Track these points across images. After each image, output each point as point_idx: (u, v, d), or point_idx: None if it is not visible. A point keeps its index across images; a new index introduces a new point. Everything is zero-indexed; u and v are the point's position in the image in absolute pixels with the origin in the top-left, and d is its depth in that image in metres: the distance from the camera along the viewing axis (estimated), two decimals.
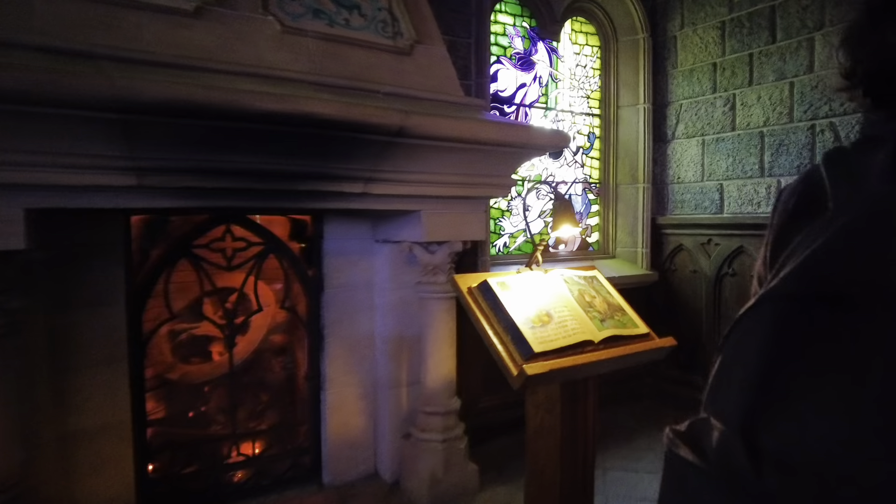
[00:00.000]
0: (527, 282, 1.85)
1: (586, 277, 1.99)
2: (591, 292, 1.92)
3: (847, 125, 3.15)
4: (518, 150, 2.56)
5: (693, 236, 3.92)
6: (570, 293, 1.87)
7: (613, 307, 1.92)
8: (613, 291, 1.99)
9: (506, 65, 3.73)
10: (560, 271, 1.97)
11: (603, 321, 1.81)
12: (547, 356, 1.63)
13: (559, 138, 2.61)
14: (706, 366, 3.75)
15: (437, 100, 2.58)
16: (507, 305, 1.71)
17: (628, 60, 4.12)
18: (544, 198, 3.96)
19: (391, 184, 2.40)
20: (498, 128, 2.42)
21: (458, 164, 2.51)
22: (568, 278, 1.94)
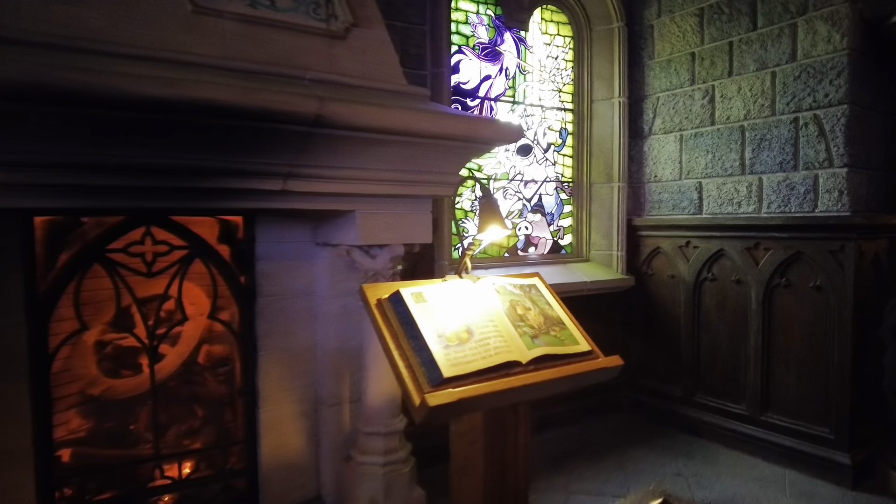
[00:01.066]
0: (450, 292, 1.60)
1: (523, 286, 1.74)
2: (525, 303, 1.67)
3: (832, 117, 2.90)
4: (462, 143, 2.32)
5: (671, 238, 3.66)
6: (500, 305, 1.62)
7: (551, 321, 1.66)
8: (554, 301, 1.74)
9: (468, 55, 3.49)
10: (493, 279, 1.72)
11: (535, 338, 1.56)
12: (461, 381, 1.38)
13: (509, 131, 2.36)
14: (685, 377, 3.50)
15: (371, 87, 2.33)
16: (420, 320, 1.46)
17: (603, 51, 3.87)
18: (512, 197, 3.72)
19: (316, 181, 2.15)
20: (435, 118, 2.17)
21: (395, 160, 2.26)
22: (500, 287, 1.69)
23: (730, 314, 3.36)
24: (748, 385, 3.26)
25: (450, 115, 2.24)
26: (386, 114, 2.05)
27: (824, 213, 2.94)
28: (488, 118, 2.21)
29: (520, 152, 3.73)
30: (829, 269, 2.91)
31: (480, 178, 3.55)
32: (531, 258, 3.79)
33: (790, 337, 3.09)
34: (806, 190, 3.01)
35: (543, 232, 3.87)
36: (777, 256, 3.11)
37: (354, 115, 1.99)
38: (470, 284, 1.67)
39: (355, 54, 2.39)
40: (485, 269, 3.50)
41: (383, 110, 2.05)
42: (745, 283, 3.27)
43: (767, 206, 3.18)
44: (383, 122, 2.06)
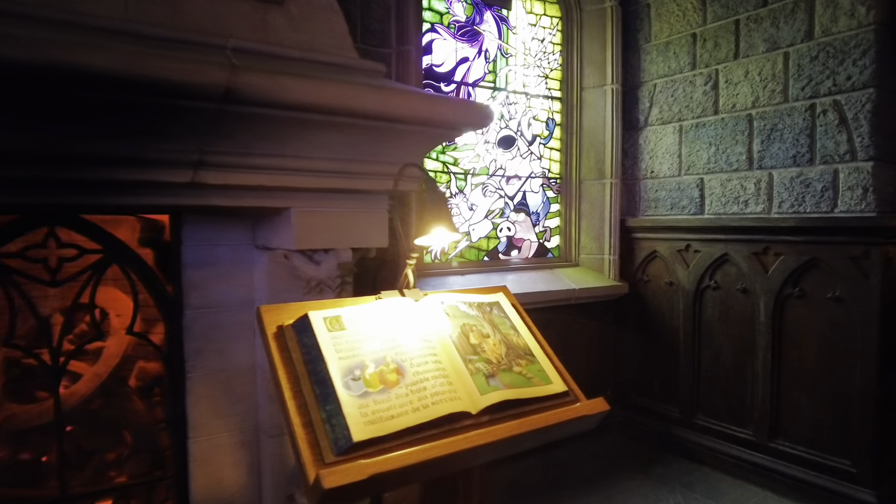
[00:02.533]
0: (381, 316, 1.21)
1: (482, 305, 1.35)
2: (482, 328, 1.28)
3: (855, 103, 2.52)
4: (420, 127, 1.93)
5: (669, 241, 3.28)
6: (448, 332, 1.23)
7: (516, 351, 1.28)
8: (521, 324, 1.35)
9: (443, 34, 3.10)
10: (442, 297, 1.33)
11: (491, 377, 1.17)
12: (382, 444, 1.00)
13: (476, 114, 1.97)
14: (684, 396, 3.11)
15: (312, 60, 1.94)
16: (330, 357, 1.07)
17: (594, 34, 3.48)
18: (493, 195, 3.33)
19: (235, 171, 1.76)
20: (382, 95, 1.78)
21: (338, 147, 1.87)
22: (451, 308, 1.30)
23: (735, 327, 2.98)
24: (755, 407, 2.88)
25: (402, 91, 1.85)
26: (317, 88, 1.66)
27: (845, 213, 2.56)
28: (450, 97, 1.87)
29: (501, 145, 3.35)
30: (851, 277, 2.53)
31: (455, 171, 3.17)
32: (514, 263, 3.41)
33: (804, 354, 2.71)
34: (823, 187, 2.63)
35: (528, 233, 3.49)
36: (789, 263, 2.73)
37: (275, 88, 1.60)
38: (411, 304, 1.28)
39: (294, 22, 2.00)
40: (461, 274, 3.12)
41: (313, 83, 1.66)
42: (752, 293, 2.89)
43: (779, 205, 2.80)
44: (315, 98, 1.67)
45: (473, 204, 3.25)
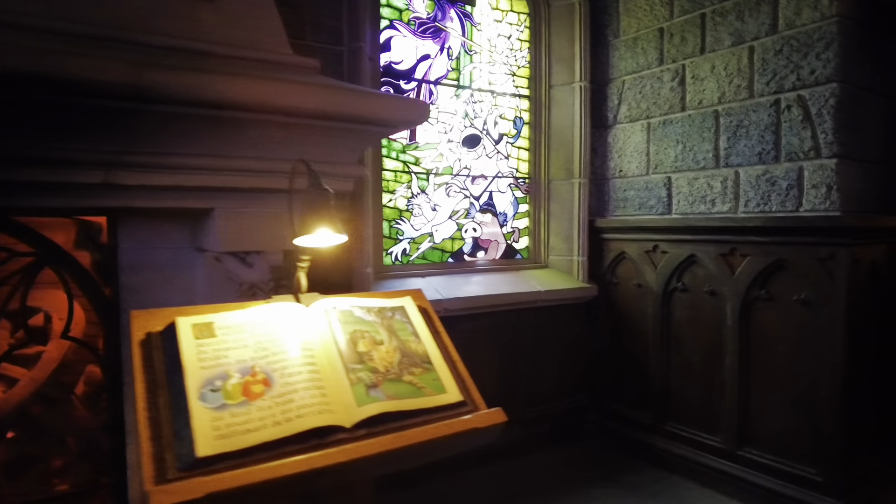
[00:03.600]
0: (260, 321, 1.14)
1: (382, 310, 1.28)
2: (376, 336, 1.20)
3: (819, 98, 2.42)
4: (351, 124, 1.86)
5: (637, 242, 3.19)
6: (335, 338, 1.16)
7: (412, 359, 1.20)
8: (424, 331, 1.28)
9: (402, 31, 3.03)
10: (335, 302, 1.26)
11: (373, 388, 1.10)
12: (234, 460, 0.92)
13: (411, 109, 1.90)
14: (654, 402, 3.02)
15: (243, 57, 1.88)
16: (191, 366, 1.00)
17: (562, 30, 3.40)
18: (457, 195, 3.25)
19: (151, 171, 1.70)
20: (306, 91, 1.71)
21: (263, 145, 1.81)
22: (344, 314, 1.23)
23: (703, 330, 2.89)
24: (724, 414, 2.79)
25: (326, 87, 1.78)
26: (230, 84, 1.60)
27: (810, 212, 2.46)
28: (380, 93, 1.79)
29: (466, 144, 3.27)
30: (817, 279, 2.43)
31: (417, 171, 3.09)
32: (480, 264, 3.33)
33: (772, 359, 2.61)
34: (789, 185, 2.54)
35: (495, 234, 3.41)
36: (756, 264, 2.64)
37: (185, 85, 1.54)
38: (299, 310, 1.21)
39: (225, 19, 1.93)
40: (421, 276, 3.04)
41: (225, 79, 1.59)
42: (719, 295, 2.80)
43: (745, 204, 2.71)
44: (229, 95, 1.60)
45: (436, 204, 3.18)
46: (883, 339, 2.57)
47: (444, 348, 1.30)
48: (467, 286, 3.04)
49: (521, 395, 3.21)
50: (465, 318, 2.96)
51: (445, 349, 1.30)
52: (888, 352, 2.60)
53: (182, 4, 1.87)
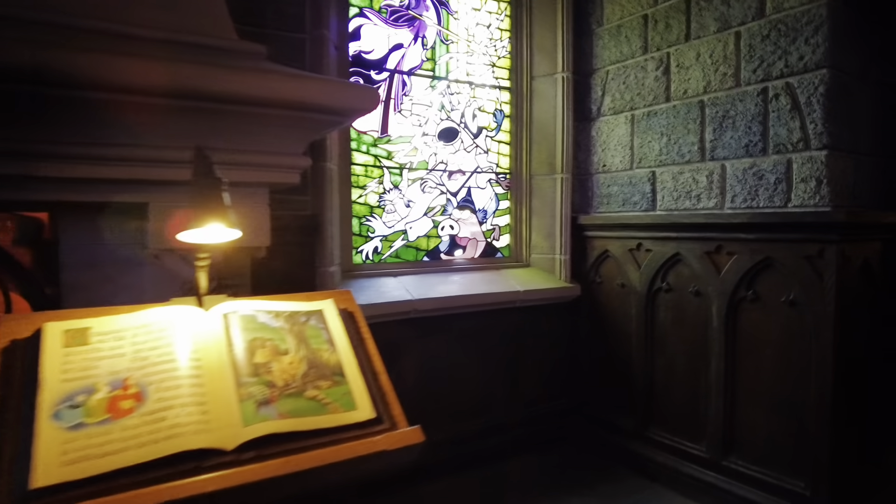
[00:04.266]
0: (147, 327, 1.01)
1: (294, 314, 1.15)
2: (279, 344, 1.08)
3: (808, 86, 2.27)
4: (293, 112, 1.73)
5: (620, 240, 3.04)
6: (231, 347, 1.03)
7: (322, 371, 1.07)
8: (343, 339, 1.15)
9: (373, 19, 2.89)
10: (237, 305, 1.13)
11: (265, 405, 0.97)
12: (87, 487, 0.80)
13: (351, 95, 1.77)
14: (637, 407, 2.87)
15: (180, 41, 1.75)
16: (48, 379, 0.87)
17: (544, 18, 3.25)
18: (433, 191, 3.12)
19: (74, 162, 1.58)
20: (237, 77, 1.59)
21: (198, 134, 1.69)
22: (245, 319, 1.10)
23: (688, 332, 2.74)
24: (709, 421, 2.64)
25: (261, 72, 1.65)
26: (149, 67, 1.47)
27: (799, 207, 2.31)
28: (324, 77, 1.66)
29: (442, 137, 3.13)
30: (805, 279, 2.28)
31: (389, 166, 2.96)
32: (457, 263, 3.19)
33: (759, 363, 2.46)
34: (777, 179, 2.38)
35: (474, 232, 3.27)
36: (743, 263, 2.49)
37: (94, 67, 1.42)
38: (196, 314, 1.08)
39: (167, 1, 1.81)
40: (393, 275, 2.91)
41: (143, 62, 1.47)
42: (705, 296, 2.65)
43: (731, 199, 2.55)
44: (149, 79, 1.48)
45: (410, 200, 3.04)
46: (876, 341, 2.41)
47: (367, 357, 1.17)
48: (441, 286, 2.91)
49: (500, 398, 3.08)
50: (438, 320, 2.83)
51: (368, 358, 1.17)
52: (882, 355, 2.44)
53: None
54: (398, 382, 2.69)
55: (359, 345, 1.20)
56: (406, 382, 2.76)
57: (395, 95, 2.97)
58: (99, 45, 1.50)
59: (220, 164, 1.76)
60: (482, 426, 3.00)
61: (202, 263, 1.23)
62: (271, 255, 2.40)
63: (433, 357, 2.84)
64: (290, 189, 2.41)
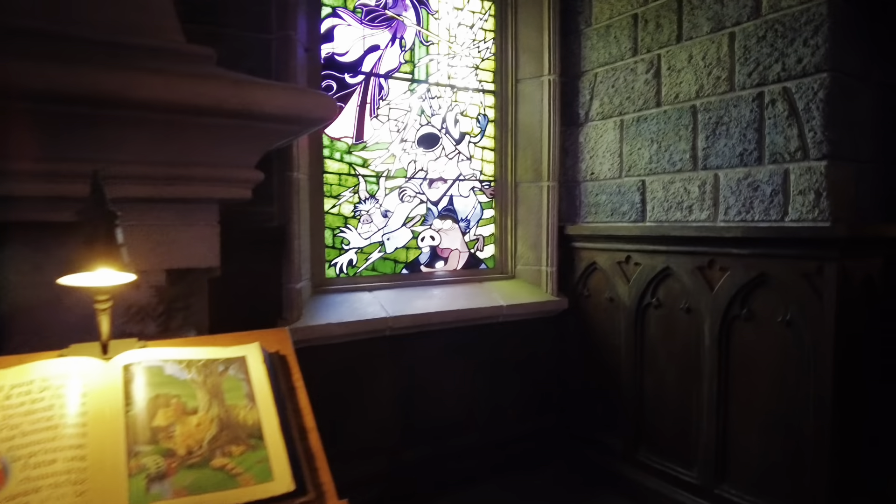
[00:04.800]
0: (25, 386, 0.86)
1: (212, 363, 1.00)
2: (189, 402, 0.93)
3: (807, 91, 2.11)
4: (239, 121, 1.58)
5: (609, 252, 2.88)
6: (128, 408, 0.88)
7: (236, 432, 0.92)
8: (266, 392, 1.00)
9: (347, 19, 2.74)
10: (144, 355, 0.98)
11: (158, 480, 0.82)
12: None
13: (304, 102, 1.62)
14: (626, 427, 2.70)
15: (117, 42, 1.60)
16: None
17: (530, 18, 3.09)
18: (412, 200, 2.96)
19: None
20: (167, 81, 1.43)
21: (140, 147, 1.54)
22: (151, 371, 0.95)
23: (678, 351, 2.58)
24: (700, 445, 2.49)
25: (196, 77, 1.50)
26: (66, 73, 1.32)
27: (797, 222, 2.15)
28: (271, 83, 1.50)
29: (422, 144, 2.98)
30: (803, 297, 2.12)
31: (365, 174, 2.81)
32: (438, 275, 3.04)
33: (753, 386, 2.31)
34: (773, 191, 2.22)
35: (456, 242, 3.12)
36: (736, 278, 2.33)
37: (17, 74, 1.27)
38: (91, 368, 0.93)
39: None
40: (368, 290, 2.76)
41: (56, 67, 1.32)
42: (696, 313, 2.49)
43: (725, 211, 2.40)
44: (67, 86, 1.33)
45: (388, 210, 2.89)
46: (880, 363, 2.25)
47: (295, 412, 1.02)
48: (419, 301, 2.75)
49: (483, 417, 2.93)
50: (416, 337, 2.68)
51: (297, 413, 1.02)
52: (886, 378, 2.28)
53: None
54: (370, 407, 2.55)
55: (288, 396, 1.04)
56: (380, 404, 2.61)
57: (371, 100, 2.81)
58: (11, 46, 1.35)
59: (160, 178, 1.62)
60: (463, 447, 2.85)
61: (102, 307, 1.07)
62: (236, 271, 2.26)
63: (410, 376, 2.69)
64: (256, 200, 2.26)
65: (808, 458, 2.12)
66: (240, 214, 2.25)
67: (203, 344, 1.08)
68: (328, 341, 2.43)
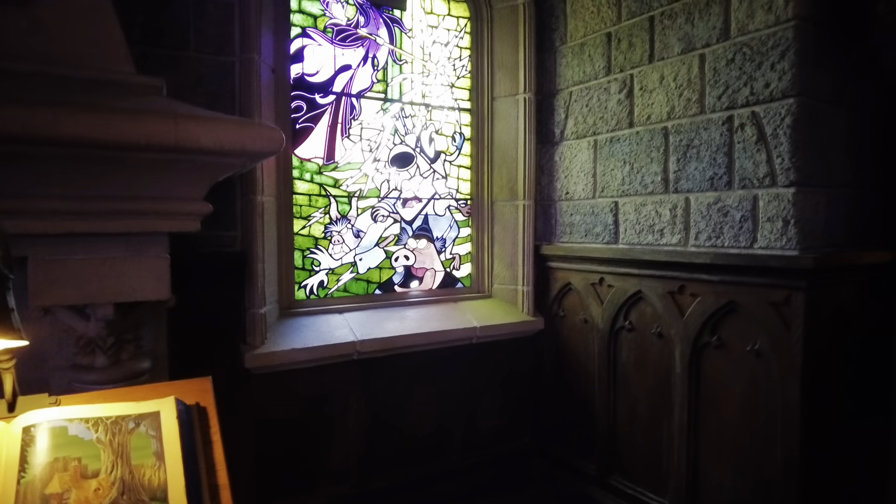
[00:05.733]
0: None
1: (122, 420, 0.97)
2: (92, 463, 0.89)
3: (774, 116, 2.07)
4: (181, 155, 1.55)
5: (583, 273, 2.85)
6: (26, 470, 0.85)
7: (137, 495, 0.89)
8: (175, 450, 0.96)
9: (317, 39, 2.71)
10: (50, 414, 0.94)
11: None
12: None
13: (245, 135, 1.59)
14: (600, 451, 2.64)
15: (53, 75, 1.58)
16: None
17: (506, 34, 3.07)
18: (386, 219, 2.93)
19: None
20: (100, 120, 1.40)
21: (80, 182, 1.51)
22: (55, 431, 0.92)
23: (651, 377, 2.54)
24: (671, 473, 2.44)
25: (136, 113, 1.46)
26: None
27: (765, 249, 2.11)
28: (213, 116, 1.46)
29: (396, 163, 2.95)
30: (771, 327, 2.08)
31: (337, 194, 2.78)
32: (412, 295, 3.01)
33: (723, 416, 2.27)
34: (742, 216, 2.19)
35: (431, 262, 3.08)
36: (707, 305, 2.29)
37: None
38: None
39: (42, 28, 1.64)
40: (339, 312, 2.73)
41: None
42: (667, 339, 2.46)
43: (695, 236, 2.36)
44: None
45: (360, 230, 2.86)
46: (853, 396, 2.21)
47: (210, 468, 0.98)
48: (390, 323, 2.72)
49: (457, 439, 2.89)
50: (386, 360, 2.64)
51: (211, 469, 0.99)
52: (859, 412, 2.24)
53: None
54: (337, 433, 2.51)
55: (203, 452, 1.01)
56: (346, 432, 2.58)
57: (342, 120, 2.79)
58: None
59: (104, 213, 1.59)
60: (435, 471, 2.81)
61: (5, 366, 1.04)
62: (198, 297, 2.23)
63: (379, 401, 2.66)
64: (217, 224, 2.24)
65: (777, 495, 2.07)
66: (202, 239, 2.22)
67: (118, 399, 1.05)
68: (293, 366, 2.40)
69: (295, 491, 2.46)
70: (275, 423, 2.41)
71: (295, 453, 2.47)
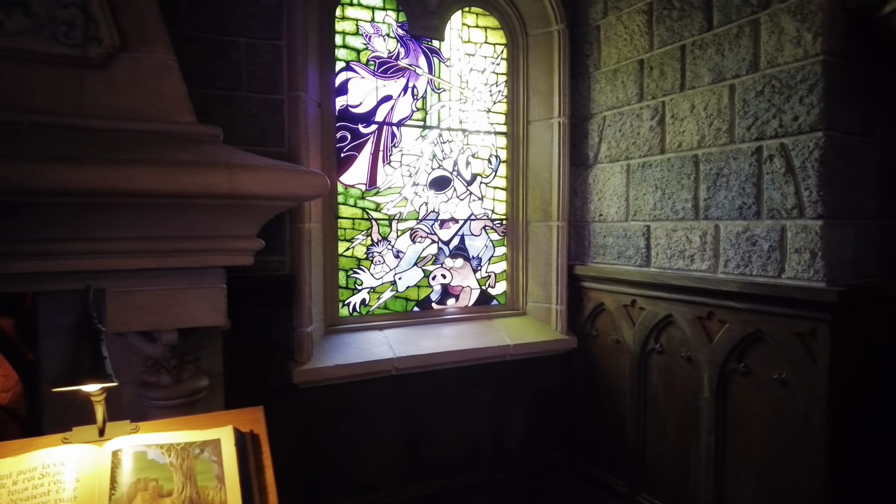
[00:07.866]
0: (29, 472, 1.04)
1: (189, 447, 1.15)
2: (167, 484, 1.08)
3: (803, 149, 2.10)
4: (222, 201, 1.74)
5: (615, 294, 2.92)
6: (113, 492, 1.04)
7: None
8: (233, 473, 1.14)
9: (360, 72, 2.89)
10: (132, 441, 1.13)
11: None
12: None
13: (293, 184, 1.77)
14: (628, 469, 2.75)
15: (130, 130, 1.81)
16: None
17: (540, 61, 3.16)
18: (424, 240, 3.09)
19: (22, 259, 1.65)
20: (165, 174, 1.61)
21: (145, 226, 1.72)
22: (137, 455, 1.11)
23: (679, 400, 2.60)
24: (698, 496, 2.49)
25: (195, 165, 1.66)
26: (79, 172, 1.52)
27: (793, 279, 2.14)
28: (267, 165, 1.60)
29: (434, 186, 3.10)
30: (797, 357, 2.12)
31: (378, 218, 2.95)
32: (448, 312, 3.15)
33: (748, 442, 2.31)
34: (770, 247, 2.22)
35: (467, 280, 3.22)
36: (734, 333, 2.34)
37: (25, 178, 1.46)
38: (84, 455, 1.09)
39: (115, 87, 1.87)
40: (379, 328, 2.90)
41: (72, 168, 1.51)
42: (696, 363, 2.51)
43: (724, 263, 2.40)
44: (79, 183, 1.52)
45: (400, 251, 3.02)
46: (881, 426, 2.21)
47: (262, 490, 1.15)
48: (425, 341, 2.87)
49: (489, 453, 3.01)
50: (422, 376, 2.80)
51: (263, 491, 1.15)
52: (888, 441, 2.23)
53: (67, 75, 1.82)
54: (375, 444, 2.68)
55: (256, 476, 1.18)
56: (384, 441, 2.74)
57: (383, 147, 2.96)
58: (57, 150, 1.55)
59: (167, 251, 1.80)
60: (467, 484, 2.94)
61: (97, 398, 1.24)
62: (250, 318, 2.44)
63: (415, 415, 2.81)
64: (269, 251, 2.44)
65: None
66: (254, 265, 2.43)
67: (185, 426, 1.23)
68: (337, 381, 2.58)
69: (335, 497, 2.65)
70: (319, 433, 2.60)
71: (335, 462, 2.66)
